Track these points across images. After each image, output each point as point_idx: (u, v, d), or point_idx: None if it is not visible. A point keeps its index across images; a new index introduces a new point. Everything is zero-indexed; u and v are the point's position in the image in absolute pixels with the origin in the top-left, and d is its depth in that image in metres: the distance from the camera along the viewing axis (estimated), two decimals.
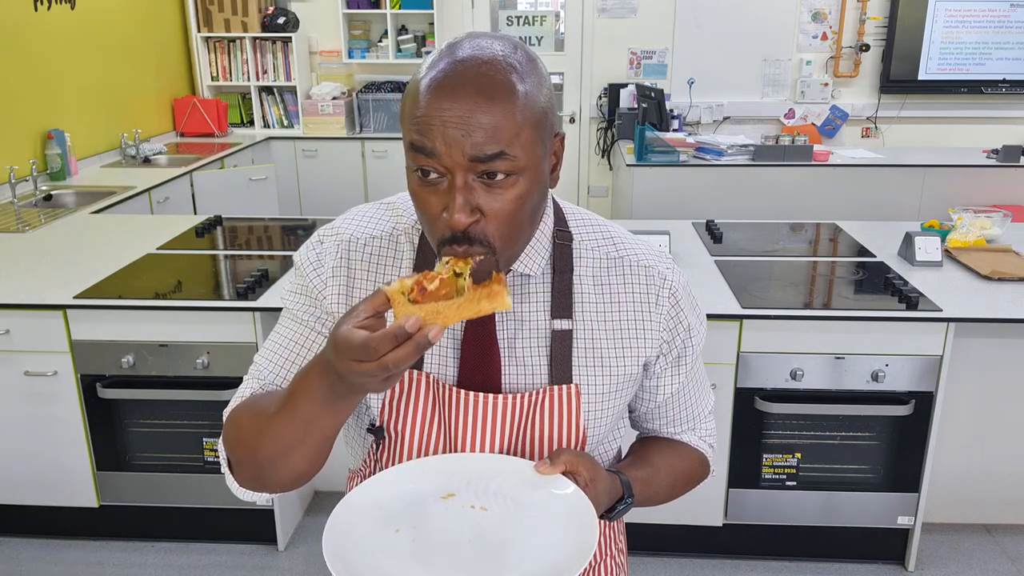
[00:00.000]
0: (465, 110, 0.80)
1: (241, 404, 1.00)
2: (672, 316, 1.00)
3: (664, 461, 1.08)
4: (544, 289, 0.97)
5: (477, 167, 0.81)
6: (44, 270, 2.58)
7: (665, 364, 1.03)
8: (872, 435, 2.36)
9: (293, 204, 5.32)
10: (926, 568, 2.49)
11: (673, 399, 1.08)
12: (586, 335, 0.97)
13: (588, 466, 0.91)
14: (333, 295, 0.97)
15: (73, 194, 3.73)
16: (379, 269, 0.98)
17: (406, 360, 0.74)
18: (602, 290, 0.99)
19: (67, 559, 2.56)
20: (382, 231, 0.99)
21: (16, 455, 2.49)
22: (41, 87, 3.93)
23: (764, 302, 2.29)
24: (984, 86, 5.28)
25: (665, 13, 5.33)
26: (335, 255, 0.98)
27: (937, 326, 2.22)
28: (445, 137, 0.80)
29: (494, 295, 0.78)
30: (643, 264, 1.00)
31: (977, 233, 2.75)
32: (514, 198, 0.84)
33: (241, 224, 3.22)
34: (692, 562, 2.53)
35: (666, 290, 1.00)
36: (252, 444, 0.94)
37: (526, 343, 0.96)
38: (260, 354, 1.03)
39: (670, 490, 1.09)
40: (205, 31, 5.33)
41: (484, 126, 0.80)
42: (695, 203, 4.05)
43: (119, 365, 2.36)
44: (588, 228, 1.02)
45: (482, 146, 0.80)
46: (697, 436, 1.14)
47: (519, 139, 0.82)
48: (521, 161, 0.82)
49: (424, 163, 0.82)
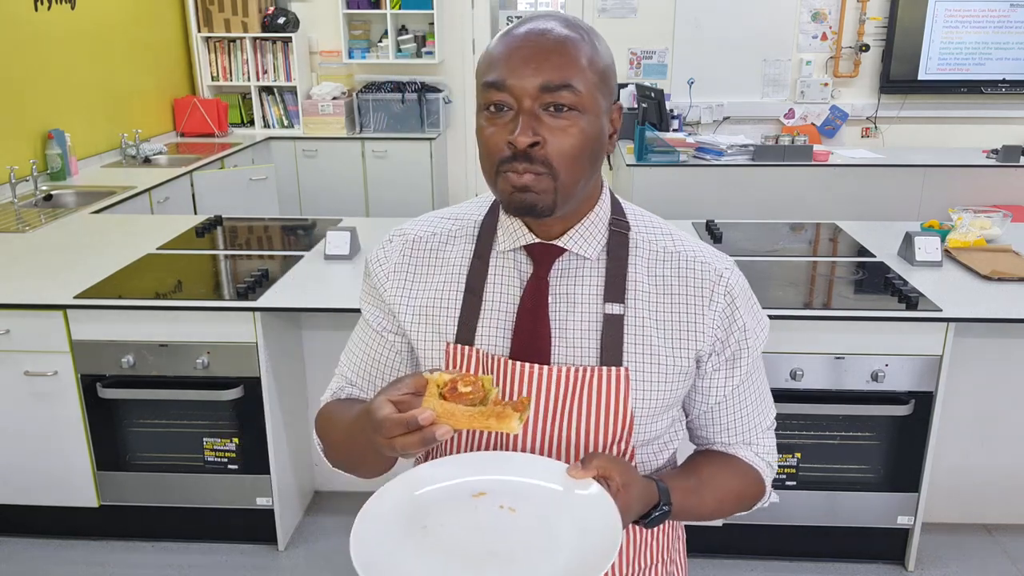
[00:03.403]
0: (536, 50, 0.88)
1: (327, 407, 1.10)
2: (727, 315, 1.00)
3: (713, 474, 1.06)
4: (599, 273, 0.99)
5: (544, 97, 0.87)
6: (44, 270, 2.58)
7: (718, 363, 1.02)
8: (872, 435, 2.36)
9: (293, 204, 5.32)
10: (926, 568, 2.49)
11: (726, 403, 1.06)
12: (637, 322, 0.98)
13: (621, 471, 0.90)
14: (392, 288, 1.04)
15: (73, 194, 3.73)
16: (437, 263, 1.04)
17: (411, 447, 0.82)
18: (656, 281, 1.00)
19: (67, 559, 2.56)
20: (443, 230, 1.06)
21: (16, 455, 2.49)
22: (41, 87, 3.93)
23: (764, 302, 2.28)
24: (984, 86, 5.28)
25: (665, 13, 5.33)
26: (399, 252, 1.06)
27: (937, 326, 2.22)
28: (516, 70, 0.88)
29: (503, 416, 0.83)
30: (700, 260, 1.01)
31: (977, 233, 2.75)
32: (576, 132, 0.89)
33: (241, 224, 3.22)
34: (692, 562, 2.53)
35: (722, 287, 1.00)
36: (332, 449, 1.06)
37: (577, 324, 0.98)
38: (345, 354, 1.13)
39: (718, 504, 1.06)
40: (205, 31, 5.33)
41: (553, 60, 0.88)
42: (695, 203, 4.05)
43: (119, 365, 2.36)
44: (647, 222, 1.04)
45: (550, 76, 0.87)
46: (753, 451, 1.10)
47: (584, 77, 0.89)
48: (585, 99, 0.89)
49: (495, 97, 0.89)
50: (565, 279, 0.99)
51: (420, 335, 1.03)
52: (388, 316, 1.06)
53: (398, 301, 1.04)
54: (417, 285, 1.04)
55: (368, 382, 1.10)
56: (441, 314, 1.02)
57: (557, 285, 0.99)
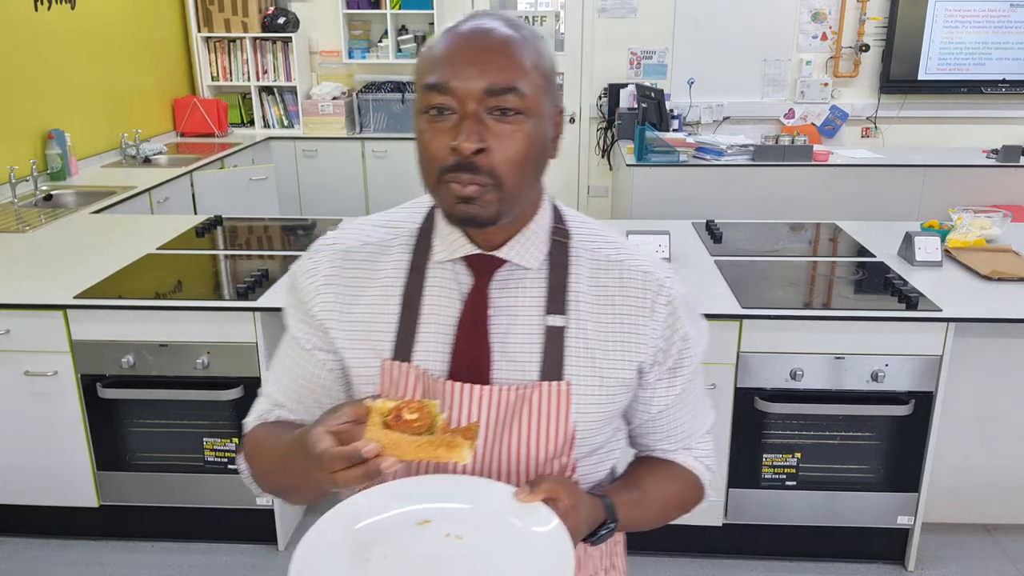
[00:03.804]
0: (481, 51, 0.85)
1: (256, 432, 1.04)
2: (668, 324, 0.98)
3: (655, 483, 1.05)
4: (540, 284, 0.96)
5: (489, 101, 0.84)
6: (44, 270, 2.58)
7: (660, 374, 1.00)
8: (872, 435, 2.36)
9: (293, 204, 5.32)
10: (926, 568, 2.49)
11: (667, 412, 1.04)
12: (579, 334, 0.96)
13: (569, 492, 0.88)
14: (322, 303, 0.99)
15: (73, 194, 3.73)
16: (370, 275, 0.99)
17: (354, 482, 0.77)
18: (598, 291, 0.97)
19: (67, 559, 2.56)
20: (376, 238, 1.01)
21: (16, 455, 2.49)
22: (41, 87, 3.93)
23: (764, 302, 2.29)
24: (984, 86, 5.27)
25: (665, 13, 5.33)
26: (329, 264, 1.00)
27: (937, 326, 2.22)
28: (460, 72, 0.84)
29: (454, 446, 0.78)
30: (642, 269, 0.99)
31: (977, 233, 2.75)
32: (522, 137, 0.86)
33: (241, 224, 3.22)
34: (692, 562, 2.53)
35: (663, 297, 0.98)
36: (263, 476, 1.01)
37: (519, 338, 0.95)
38: (270, 371, 1.07)
39: (661, 514, 1.06)
40: (205, 31, 5.33)
41: (497, 63, 0.84)
42: (695, 203, 4.05)
43: (119, 365, 2.36)
44: (587, 230, 1.02)
45: (495, 78, 0.84)
46: (692, 456, 1.10)
47: (530, 80, 0.86)
48: (531, 101, 0.86)
49: (437, 100, 0.85)
50: (506, 291, 0.96)
51: (353, 353, 0.98)
52: (318, 333, 1.00)
53: (329, 317, 0.98)
54: (349, 299, 0.98)
55: (298, 403, 1.04)
56: (376, 330, 0.97)
57: (498, 297, 0.96)
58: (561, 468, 0.97)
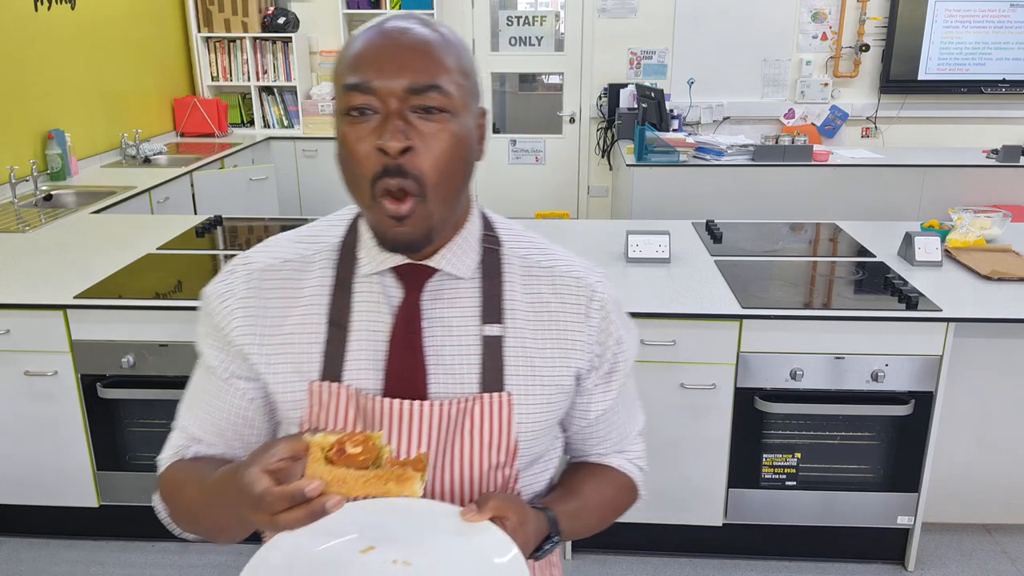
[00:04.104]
0: (401, 49, 0.83)
1: (174, 471, 0.99)
2: (603, 329, 0.97)
3: (593, 491, 1.04)
4: (474, 293, 0.94)
5: (412, 99, 0.82)
6: (44, 270, 2.58)
7: (597, 379, 1.00)
8: (872, 435, 2.36)
9: (293, 204, 5.32)
10: (926, 568, 2.49)
11: (604, 418, 1.03)
12: (517, 343, 0.94)
13: (516, 509, 0.86)
14: (240, 327, 0.93)
15: (73, 194, 3.73)
16: (292, 293, 0.94)
17: (297, 524, 0.73)
18: (532, 298, 0.96)
19: (67, 559, 2.56)
20: (296, 255, 0.96)
21: (16, 455, 2.49)
22: (41, 87, 3.93)
23: (764, 302, 2.29)
24: (984, 86, 5.28)
25: (665, 13, 5.33)
26: (245, 285, 0.94)
27: (937, 326, 2.22)
28: (381, 70, 0.82)
29: (404, 479, 0.74)
30: (573, 275, 0.97)
31: (977, 233, 2.75)
32: (447, 136, 0.84)
33: (241, 224, 3.22)
34: (692, 562, 2.53)
35: (596, 302, 0.97)
36: (184, 517, 0.96)
37: (455, 350, 0.92)
38: (183, 404, 1.01)
39: (600, 520, 1.05)
40: (205, 31, 5.33)
41: (419, 61, 0.82)
42: (695, 203, 4.05)
43: (119, 365, 2.36)
44: (516, 236, 1.00)
45: (418, 77, 0.82)
46: (625, 459, 1.09)
47: (452, 78, 0.84)
48: (455, 101, 0.84)
49: (359, 100, 0.82)
50: (439, 302, 0.93)
51: (278, 377, 0.93)
52: (237, 360, 0.94)
53: (248, 341, 0.93)
54: (270, 321, 0.93)
55: (218, 437, 0.98)
56: (302, 351, 0.92)
57: (430, 309, 0.93)
58: (504, 480, 0.95)
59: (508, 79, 5.90)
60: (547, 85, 5.88)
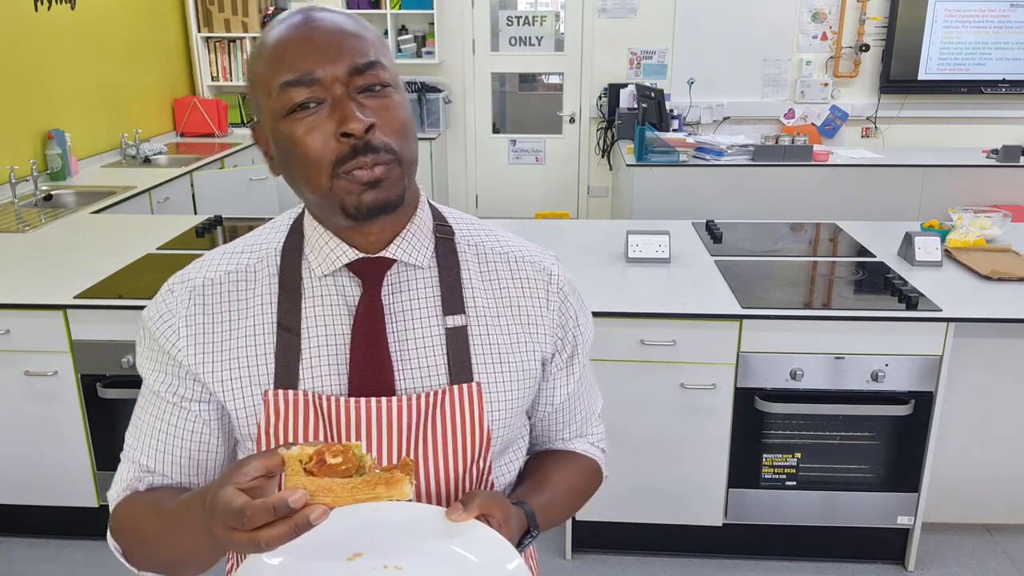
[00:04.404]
0: (331, 34, 0.82)
1: (127, 505, 0.93)
2: (562, 311, 0.98)
3: (561, 479, 1.03)
4: (432, 283, 0.93)
5: (356, 80, 0.81)
6: (44, 270, 2.58)
7: (560, 363, 1.00)
8: (872, 435, 2.36)
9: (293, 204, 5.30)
10: (926, 568, 2.49)
11: (568, 402, 1.04)
12: (480, 331, 0.93)
13: (501, 506, 0.85)
14: (187, 347, 0.90)
15: (73, 194, 3.73)
16: (238, 305, 0.92)
17: (279, 540, 0.69)
18: (491, 285, 0.95)
19: (67, 559, 2.56)
20: (238, 266, 0.94)
21: (16, 455, 2.49)
22: (41, 87, 3.93)
23: (764, 302, 2.29)
24: (984, 86, 5.28)
25: (665, 13, 5.33)
26: (187, 303, 0.92)
27: (937, 326, 2.22)
28: (319, 60, 0.80)
29: (394, 482, 0.71)
30: (528, 259, 0.98)
31: (977, 233, 2.75)
32: (398, 105, 0.84)
33: (241, 224, 3.22)
34: (692, 562, 2.53)
35: (554, 285, 0.97)
36: (141, 553, 0.90)
37: (419, 343, 0.91)
38: (130, 433, 0.97)
39: (570, 509, 1.05)
40: (205, 31, 5.33)
41: (351, 41, 0.82)
42: (695, 203, 4.05)
43: (119, 365, 2.36)
44: (468, 224, 0.99)
45: (356, 57, 0.81)
46: (588, 442, 1.10)
47: (384, 53, 0.84)
48: (392, 74, 0.84)
49: (302, 95, 0.80)
50: (399, 295, 0.91)
51: (232, 393, 0.90)
52: (185, 381, 0.91)
53: (197, 360, 0.90)
54: (218, 336, 0.90)
55: (172, 466, 0.93)
56: (253, 363, 0.90)
57: (391, 304, 0.91)
58: (479, 473, 0.94)
59: (508, 79, 5.90)
60: (547, 85, 5.88)
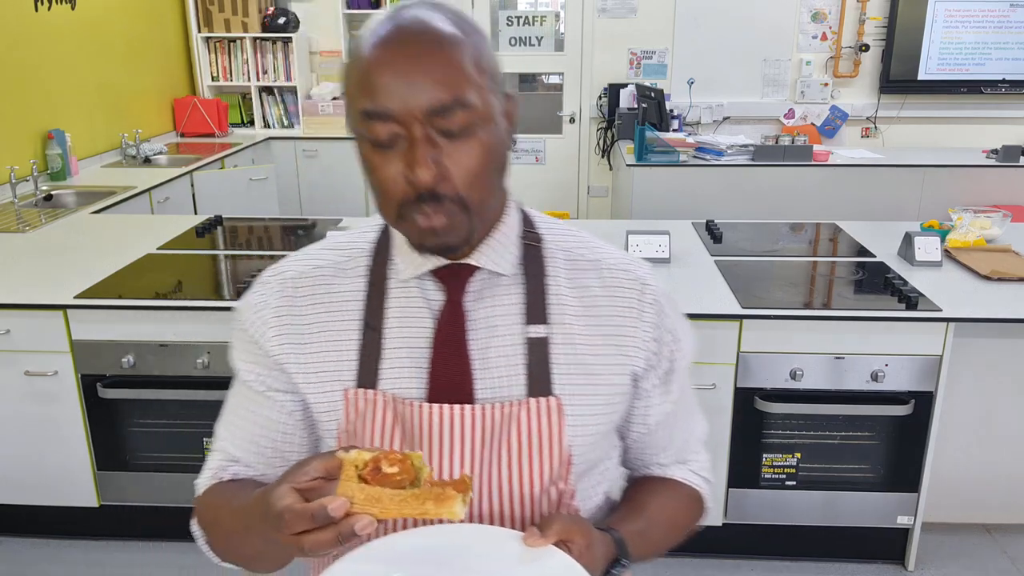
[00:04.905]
0: (413, 62, 0.75)
1: (210, 494, 0.95)
2: (658, 324, 0.92)
3: (659, 507, 0.98)
4: (517, 291, 0.90)
5: (435, 121, 0.76)
6: (44, 270, 2.58)
7: (656, 380, 0.94)
8: (872, 435, 2.36)
9: (293, 204, 5.32)
10: (926, 568, 2.49)
11: (664, 424, 0.98)
12: (565, 342, 0.89)
13: (583, 531, 0.80)
14: (276, 338, 0.91)
15: (73, 194, 3.73)
16: (326, 300, 0.92)
17: (321, 547, 0.67)
18: (580, 293, 0.91)
19: (67, 559, 2.56)
20: (328, 262, 0.94)
21: (16, 455, 2.49)
22: (41, 87, 3.93)
23: (764, 302, 2.29)
24: (984, 86, 5.27)
25: (665, 13, 5.33)
26: (278, 295, 0.93)
27: (937, 326, 2.22)
28: (397, 94, 0.75)
29: (444, 499, 0.68)
30: (620, 268, 0.93)
31: (977, 233, 2.75)
32: (479, 149, 0.78)
33: (241, 224, 3.22)
34: (692, 562, 2.53)
35: (648, 295, 0.93)
36: (221, 543, 0.91)
37: (501, 351, 0.88)
38: (221, 424, 0.98)
39: (666, 540, 0.99)
40: (205, 31, 5.33)
41: (435, 75, 0.75)
42: (695, 203, 4.05)
43: (119, 365, 2.36)
44: (558, 231, 0.96)
45: (438, 97, 0.75)
46: (689, 470, 1.03)
47: (473, 85, 0.77)
48: (480, 110, 0.78)
49: (382, 133, 0.77)
50: (481, 302, 0.89)
51: (314, 387, 0.90)
52: (274, 372, 0.92)
53: (285, 351, 0.91)
54: (305, 329, 0.91)
55: (256, 456, 0.95)
56: (338, 359, 0.90)
57: (473, 310, 0.89)
58: (559, 495, 0.90)
59: (508, 79, 5.88)
60: (547, 85, 5.88)
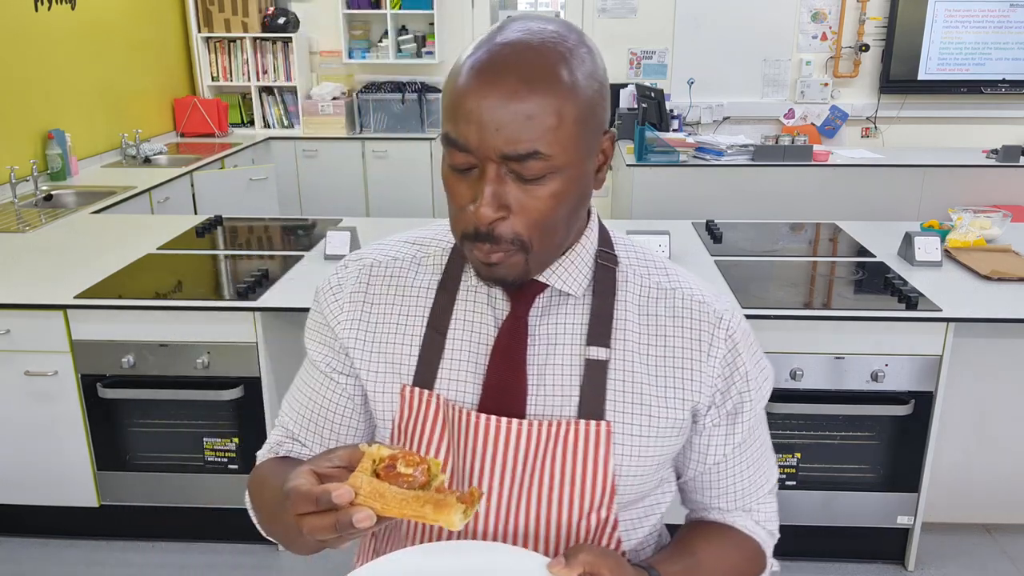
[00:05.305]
0: (501, 100, 0.73)
1: (261, 468, 0.96)
2: (728, 362, 0.89)
3: (709, 553, 0.93)
4: (583, 311, 0.88)
5: (510, 164, 0.75)
6: (44, 270, 2.58)
7: (717, 419, 0.91)
8: (872, 435, 2.36)
9: (293, 204, 5.32)
10: (926, 568, 2.49)
11: (725, 465, 0.94)
12: (625, 368, 0.87)
13: (611, 566, 0.77)
14: (347, 321, 0.92)
15: (73, 194, 3.73)
16: (398, 292, 0.92)
17: (321, 532, 0.68)
18: (647, 321, 0.89)
19: (67, 559, 2.56)
20: (405, 255, 0.94)
21: (16, 455, 2.49)
22: (41, 87, 3.93)
23: (764, 302, 2.29)
24: (984, 86, 5.28)
25: (665, 13, 5.33)
26: (355, 280, 0.93)
27: (936, 326, 2.22)
28: (478, 130, 0.74)
29: (443, 506, 0.67)
30: (697, 299, 0.90)
31: (977, 233, 2.75)
32: (548, 197, 0.77)
33: (241, 224, 3.22)
34: None
35: (722, 330, 0.90)
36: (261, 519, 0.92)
37: (557, 369, 0.87)
38: (286, 400, 1.00)
39: None
40: (205, 31, 5.33)
41: (520, 121, 0.73)
42: (695, 203, 4.05)
43: (119, 365, 2.36)
44: (638, 255, 0.93)
45: (515, 144, 0.74)
46: (752, 519, 0.99)
47: (558, 135, 0.75)
48: (559, 160, 0.76)
49: (460, 161, 0.77)
50: (546, 318, 0.88)
51: (374, 376, 0.91)
52: (339, 355, 0.93)
53: (352, 336, 0.91)
54: (374, 318, 0.91)
55: (313, 435, 0.96)
56: (399, 352, 0.90)
57: (536, 325, 0.88)
58: (600, 523, 0.88)
59: None
60: None
